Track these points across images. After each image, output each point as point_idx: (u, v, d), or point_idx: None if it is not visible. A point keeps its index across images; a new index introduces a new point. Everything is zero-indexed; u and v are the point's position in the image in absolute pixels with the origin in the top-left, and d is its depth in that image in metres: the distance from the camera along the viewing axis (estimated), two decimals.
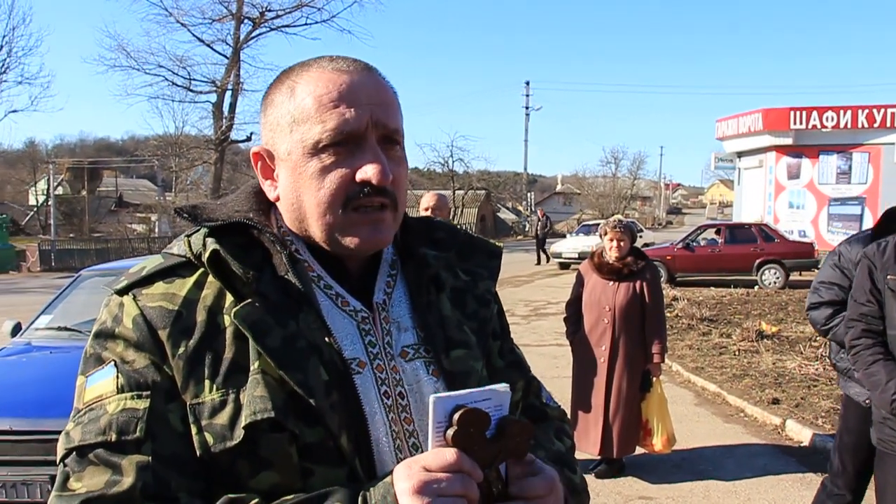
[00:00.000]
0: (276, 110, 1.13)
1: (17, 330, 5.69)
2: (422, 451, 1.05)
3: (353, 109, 1.07)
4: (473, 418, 0.93)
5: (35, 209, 52.31)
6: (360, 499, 0.96)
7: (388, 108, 1.12)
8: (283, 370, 1.01)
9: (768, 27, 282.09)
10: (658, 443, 5.32)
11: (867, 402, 3.37)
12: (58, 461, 1.02)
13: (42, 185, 52.11)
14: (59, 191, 48.06)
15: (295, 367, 1.02)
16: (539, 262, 27.28)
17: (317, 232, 1.11)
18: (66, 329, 5.45)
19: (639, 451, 5.49)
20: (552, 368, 9.09)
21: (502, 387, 0.98)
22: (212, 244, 1.07)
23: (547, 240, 28.51)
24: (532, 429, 1.00)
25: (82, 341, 5.13)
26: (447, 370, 1.15)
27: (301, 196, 1.10)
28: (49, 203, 43.53)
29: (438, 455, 0.92)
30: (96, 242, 34.64)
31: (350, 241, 1.10)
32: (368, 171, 1.07)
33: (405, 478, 0.92)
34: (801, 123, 23.85)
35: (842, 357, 3.60)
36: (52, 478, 3.87)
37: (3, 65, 34.25)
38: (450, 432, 0.92)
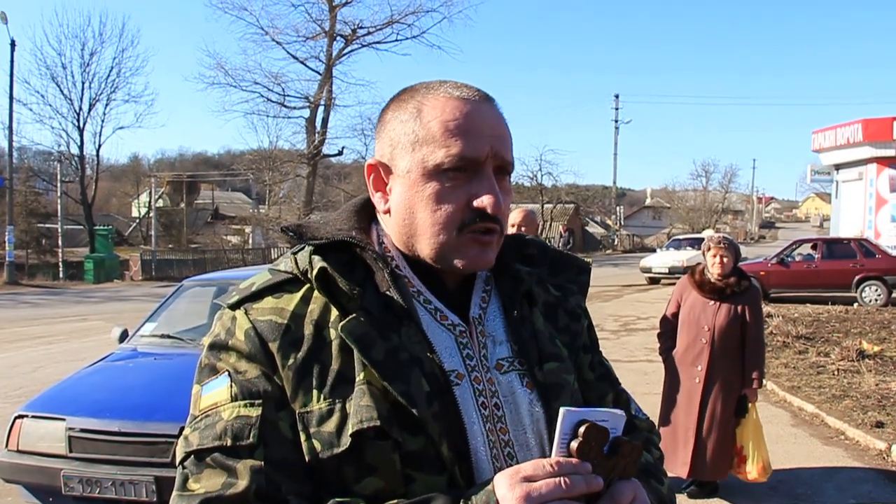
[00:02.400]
0: (400, 127, 1.17)
1: (124, 336, 5.97)
2: (517, 461, 1.10)
3: (476, 139, 1.12)
4: (596, 433, 0.98)
5: (137, 220, 54.72)
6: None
7: (506, 140, 1.17)
8: (388, 381, 1.05)
9: (866, 35, 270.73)
10: (753, 470, 5.12)
11: None
12: (177, 463, 1.09)
13: (144, 197, 54.56)
14: (160, 203, 50.12)
15: (398, 378, 1.06)
16: None
17: (426, 249, 1.15)
18: (168, 337, 5.71)
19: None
20: (642, 384, 8.92)
21: (620, 412, 1.03)
22: (318, 262, 1.12)
23: None
24: (641, 450, 1.04)
25: (184, 349, 5.38)
26: (541, 382, 1.18)
27: (415, 213, 1.14)
28: (150, 215, 45.44)
29: (538, 465, 0.96)
30: (194, 253, 35.99)
31: (459, 261, 1.14)
32: (485, 201, 1.12)
33: (507, 487, 0.96)
34: None
35: None
36: (157, 479, 4.09)
37: (113, 85, 36.27)
38: (574, 444, 0.98)
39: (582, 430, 0.97)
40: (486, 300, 1.23)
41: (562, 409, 0.98)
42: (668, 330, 5.45)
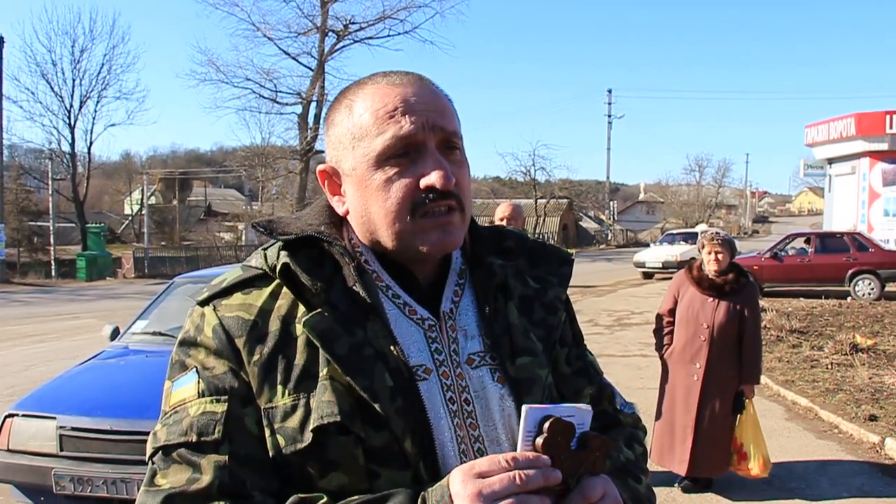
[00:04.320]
0: (338, 129, 1.17)
1: (115, 334, 5.94)
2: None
3: (408, 116, 1.10)
4: (561, 428, 0.97)
5: (130, 218, 54.61)
6: (419, 499, 0.99)
7: (444, 112, 1.14)
8: (350, 376, 1.05)
9: (859, 29, 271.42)
10: (755, 467, 5.09)
11: None
12: (147, 459, 1.11)
13: (136, 195, 54.46)
14: (152, 200, 50.04)
15: (361, 373, 1.06)
16: None
17: (387, 241, 1.14)
18: (160, 334, 5.67)
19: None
20: (637, 379, 8.94)
21: (586, 406, 1.02)
22: (283, 257, 1.12)
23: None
24: (611, 445, 1.03)
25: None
26: (512, 377, 1.16)
27: (369, 208, 1.14)
28: (143, 212, 45.33)
29: (492, 461, 0.96)
30: (186, 250, 35.93)
31: (421, 246, 1.12)
32: (432, 178, 1.09)
33: (460, 483, 0.96)
34: None
35: None
36: None
37: (104, 82, 36.17)
38: (539, 439, 0.97)
39: (546, 425, 0.96)
40: (460, 294, 1.22)
41: (524, 407, 0.97)
42: (664, 326, 5.43)
